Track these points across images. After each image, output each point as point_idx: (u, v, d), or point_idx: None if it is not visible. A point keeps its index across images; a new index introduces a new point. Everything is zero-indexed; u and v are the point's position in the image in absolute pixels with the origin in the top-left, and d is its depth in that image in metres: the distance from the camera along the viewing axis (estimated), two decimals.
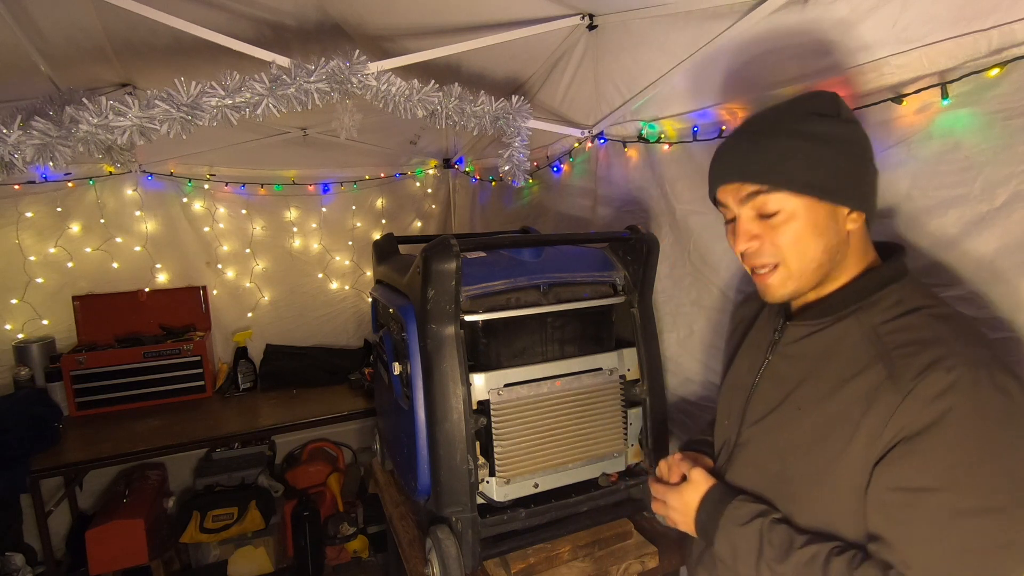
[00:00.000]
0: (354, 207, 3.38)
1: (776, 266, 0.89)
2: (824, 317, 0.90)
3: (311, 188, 3.24)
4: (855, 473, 0.80)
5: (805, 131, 0.85)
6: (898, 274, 0.88)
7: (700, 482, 1.01)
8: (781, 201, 0.86)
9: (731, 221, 0.94)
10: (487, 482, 1.32)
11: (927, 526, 0.73)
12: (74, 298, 2.84)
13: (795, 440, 0.89)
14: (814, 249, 0.86)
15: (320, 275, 3.37)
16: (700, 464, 1.06)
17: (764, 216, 0.88)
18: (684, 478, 1.04)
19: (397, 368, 1.43)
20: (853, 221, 0.87)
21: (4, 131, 1.16)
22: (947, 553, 0.72)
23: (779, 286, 0.91)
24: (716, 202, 0.97)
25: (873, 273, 0.89)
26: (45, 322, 2.80)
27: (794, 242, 0.87)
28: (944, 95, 0.98)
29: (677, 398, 1.71)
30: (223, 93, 1.27)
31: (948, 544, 0.72)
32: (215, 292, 3.14)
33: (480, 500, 1.32)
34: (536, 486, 1.35)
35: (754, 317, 1.12)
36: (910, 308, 0.83)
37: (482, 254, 1.43)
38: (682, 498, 1.02)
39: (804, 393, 0.89)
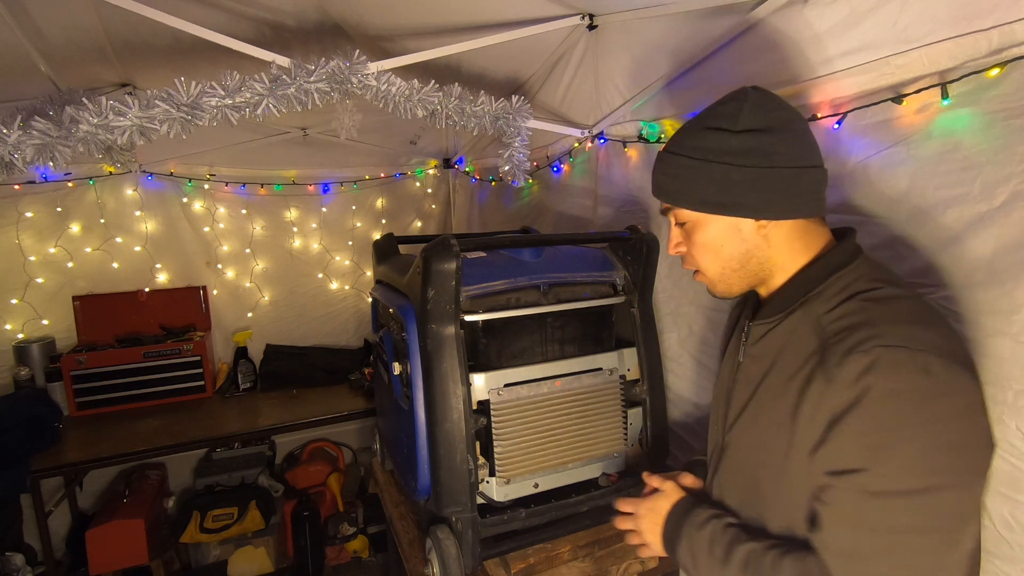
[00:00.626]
0: (354, 207, 3.38)
1: (697, 271, 0.97)
2: (777, 313, 0.91)
3: (311, 188, 3.24)
4: (802, 466, 0.80)
5: (698, 148, 0.88)
6: (845, 260, 0.88)
7: (671, 492, 1.03)
8: (685, 216, 0.93)
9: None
10: (487, 482, 1.32)
11: (846, 507, 0.74)
12: (74, 298, 2.84)
13: (759, 439, 0.90)
14: (724, 256, 0.92)
15: (320, 275, 3.37)
16: (673, 479, 1.07)
17: (680, 226, 0.95)
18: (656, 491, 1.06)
19: (397, 368, 1.43)
20: (763, 227, 0.89)
21: (4, 131, 1.16)
22: (860, 535, 0.72)
23: (711, 287, 0.98)
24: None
25: (818, 263, 0.89)
26: (45, 322, 2.80)
27: (702, 251, 0.93)
28: (944, 95, 0.98)
29: (677, 397, 1.71)
30: (223, 93, 1.27)
31: (862, 526, 0.72)
32: (215, 292, 3.14)
33: (480, 500, 1.32)
34: (536, 486, 1.35)
35: (737, 319, 1.13)
36: (851, 294, 0.83)
37: (482, 254, 1.43)
38: (653, 506, 1.04)
39: (764, 390, 0.90)
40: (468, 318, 1.30)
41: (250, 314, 3.24)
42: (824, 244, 0.92)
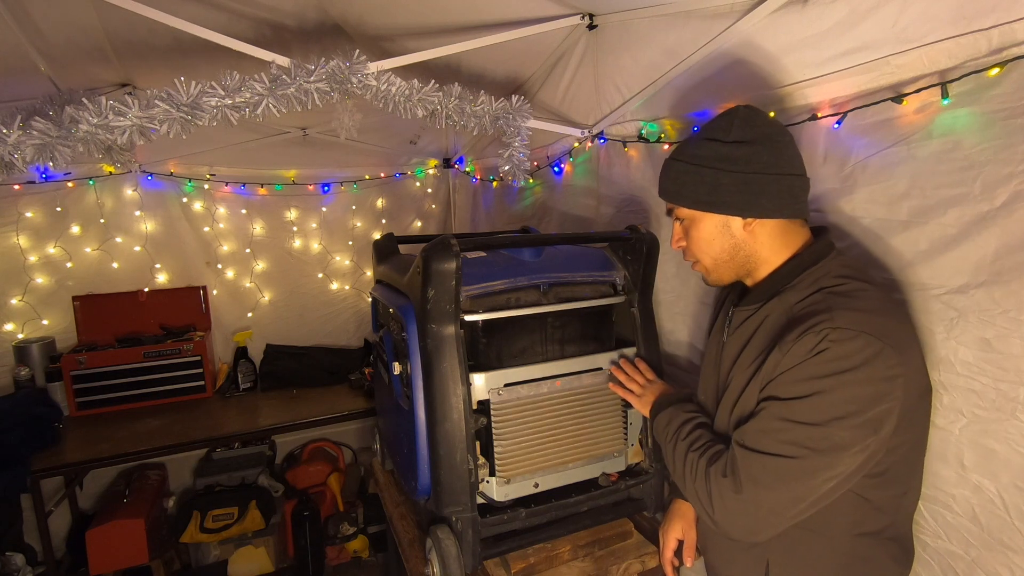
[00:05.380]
0: (354, 207, 3.38)
1: (696, 263, 1.14)
2: (757, 302, 1.07)
3: (311, 188, 3.24)
4: (750, 400, 1.00)
5: (695, 156, 1.04)
6: (817, 257, 1.03)
7: (666, 385, 1.32)
8: (684, 213, 1.10)
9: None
10: (487, 482, 1.32)
11: (765, 420, 0.95)
12: (74, 298, 2.84)
13: (733, 396, 1.06)
14: (716, 250, 1.08)
15: (320, 275, 3.37)
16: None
17: (680, 222, 1.12)
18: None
19: (397, 368, 1.42)
20: (749, 224, 1.04)
21: (4, 131, 1.16)
22: (765, 438, 0.93)
23: (706, 276, 1.15)
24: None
25: (793, 260, 1.05)
26: (45, 322, 2.80)
27: (698, 244, 1.10)
28: (944, 95, 0.98)
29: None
30: (223, 93, 1.27)
31: (769, 432, 0.93)
32: (215, 292, 3.14)
33: (480, 500, 1.32)
34: (536, 486, 1.35)
35: (722, 303, 1.29)
36: (819, 288, 0.98)
37: (482, 254, 1.43)
38: (657, 388, 1.31)
39: (743, 358, 1.06)
40: (468, 318, 1.30)
41: (250, 314, 3.24)
42: (803, 242, 1.07)
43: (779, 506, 0.93)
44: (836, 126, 1.18)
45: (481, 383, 1.30)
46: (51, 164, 1.20)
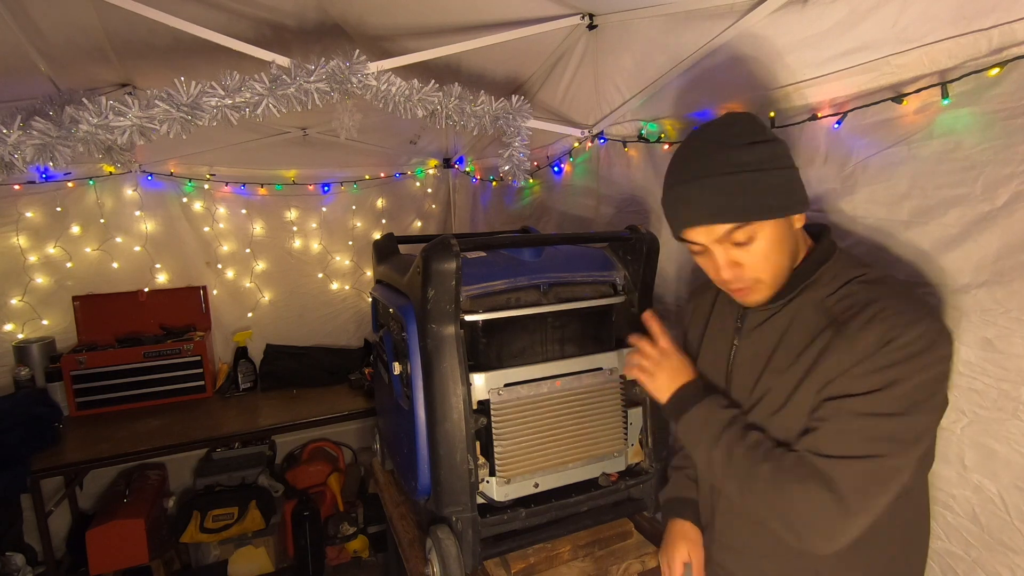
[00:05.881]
0: (354, 207, 3.38)
1: (754, 282, 1.00)
2: (778, 301, 1.02)
3: (311, 188, 3.24)
4: (806, 400, 0.94)
5: (752, 162, 0.93)
6: (828, 253, 1.02)
7: (689, 363, 1.15)
8: (751, 230, 0.95)
9: (700, 253, 1.02)
10: (487, 482, 1.32)
11: (844, 421, 0.89)
12: (74, 298, 2.84)
13: (775, 401, 1.00)
14: (783, 258, 0.99)
15: (320, 275, 3.37)
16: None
17: (738, 244, 0.97)
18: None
19: (397, 368, 1.42)
20: (798, 220, 0.99)
21: (4, 131, 1.16)
22: (851, 440, 0.88)
23: (759, 297, 1.02)
24: (680, 238, 1.03)
25: (810, 258, 1.02)
26: (45, 322, 2.80)
27: (764, 258, 0.97)
28: (944, 95, 0.98)
29: None
30: (223, 93, 1.27)
31: (854, 434, 0.88)
32: (215, 292, 3.14)
33: (480, 500, 1.31)
34: (536, 486, 1.35)
35: (711, 306, 1.22)
36: (846, 279, 0.97)
37: (482, 254, 1.43)
38: (676, 364, 1.14)
39: (777, 361, 1.01)
40: (468, 318, 1.30)
41: (250, 314, 3.24)
42: (809, 240, 1.05)
43: (878, 509, 0.88)
44: (836, 126, 1.18)
45: (481, 383, 1.30)
46: (51, 164, 1.20)
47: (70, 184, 2.73)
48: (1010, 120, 0.92)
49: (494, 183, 2.96)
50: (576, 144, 2.10)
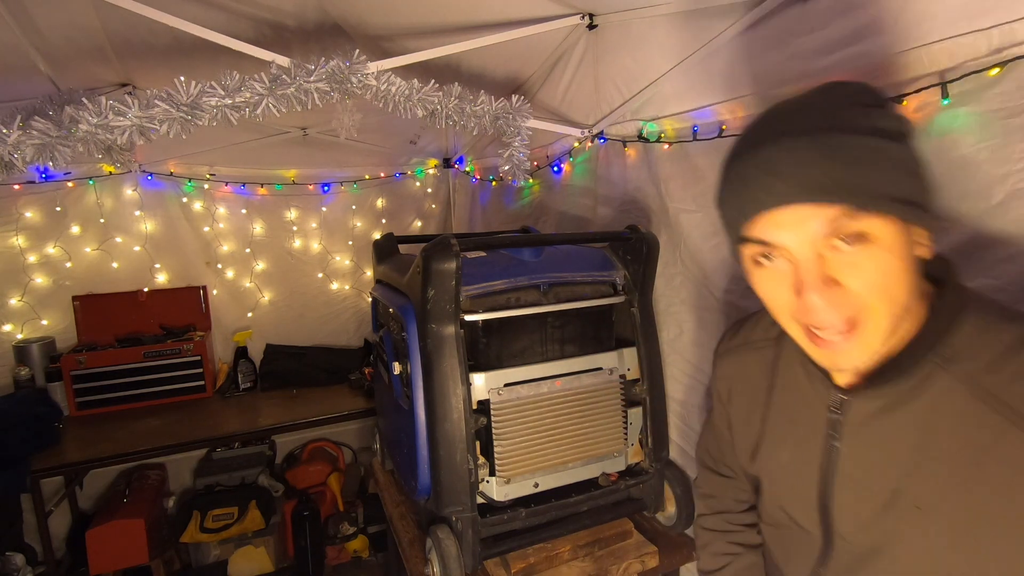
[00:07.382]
0: (354, 207, 3.38)
1: (855, 322, 0.62)
2: (897, 380, 0.66)
3: (311, 188, 3.24)
4: None
5: (889, 130, 0.60)
6: (964, 301, 0.66)
7: None
8: (868, 226, 0.59)
9: (768, 264, 0.66)
10: (487, 482, 1.32)
11: None
12: (74, 298, 2.84)
13: (935, 546, 0.66)
14: (902, 292, 0.62)
15: (320, 275, 3.37)
16: None
17: (845, 243, 0.60)
18: None
19: (397, 368, 1.42)
20: (923, 244, 0.64)
21: (4, 131, 1.16)
22: None
23: (860, 351, 0.64)
24: (743, 238, 0.67)
25: (939, 308, 0.67)
26: (45, 322, 2.80)
27: (883, 281, 0.60)
28: (944, 95, 0.98)
29: (668, 397, 1.70)
30: (223, 93, 1.27)
31: None
32: (215, 292, 3.14)
33: (480, 500, 1.32)
34: (536, 486, 1.35)
35: (769, 376, 0.85)
36: (1008, 344, 0.61)
37: (482, 254, 1.43)
38: None
39: (919, 490, 0.66)
40: (468, 318, 1.30)
41: (250, 314, 3.24)
42: (925, 283, 0.69)
43: None
44: None
45: (481, 383, 1.30)
46: (51, 164, 1.20)
47: (70, 184, 2.73)
48: (1008, 120, 0.92)
49: (494, 183, 2.96)
50: (576, 144, 2.10)
